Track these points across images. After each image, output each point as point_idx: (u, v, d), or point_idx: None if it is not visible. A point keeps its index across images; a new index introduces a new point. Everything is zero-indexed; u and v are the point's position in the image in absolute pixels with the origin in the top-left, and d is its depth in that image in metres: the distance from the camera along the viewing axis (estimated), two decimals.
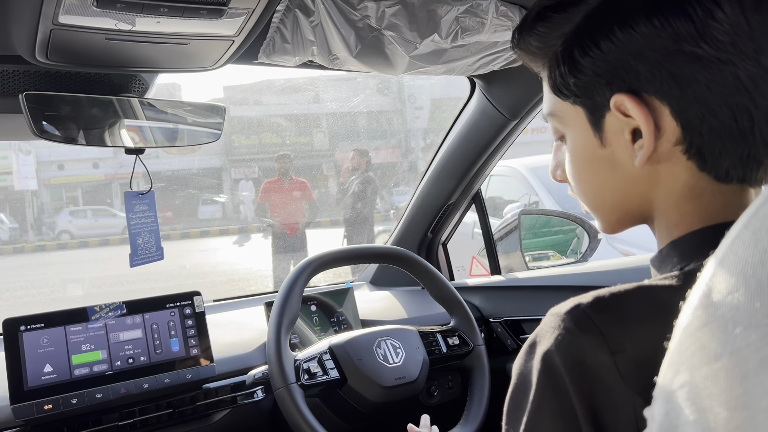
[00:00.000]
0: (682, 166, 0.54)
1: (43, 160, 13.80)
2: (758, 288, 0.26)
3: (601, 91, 0.55)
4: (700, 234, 0.54)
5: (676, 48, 0.50)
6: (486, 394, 1.38)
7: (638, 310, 0.49)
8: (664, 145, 0.53)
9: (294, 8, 1.04)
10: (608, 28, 0.53)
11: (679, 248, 0.55)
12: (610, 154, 0.57)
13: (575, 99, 0.58)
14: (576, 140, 0.60)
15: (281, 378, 1.21)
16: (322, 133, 14.33)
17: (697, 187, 0.54)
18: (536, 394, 0.51)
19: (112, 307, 1.24)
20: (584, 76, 0.55)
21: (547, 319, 0.52)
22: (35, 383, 1.13)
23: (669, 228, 0.57)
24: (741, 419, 0.25)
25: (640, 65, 0.52)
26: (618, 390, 0.47)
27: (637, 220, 0.61)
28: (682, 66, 0.50)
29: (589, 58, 0.54)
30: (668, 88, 0.51)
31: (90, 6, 0.78)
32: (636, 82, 0.52)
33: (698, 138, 0.52)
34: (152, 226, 1.27)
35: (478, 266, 2.25)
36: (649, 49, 0.51)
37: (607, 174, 0.58)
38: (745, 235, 0.28)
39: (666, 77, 0.51)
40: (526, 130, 1.63)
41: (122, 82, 1.13)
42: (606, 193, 0.60)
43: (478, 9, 1.13)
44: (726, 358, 0.26)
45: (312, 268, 1.37)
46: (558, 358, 0.49)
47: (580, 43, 0.55)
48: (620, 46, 0.52)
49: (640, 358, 0.48)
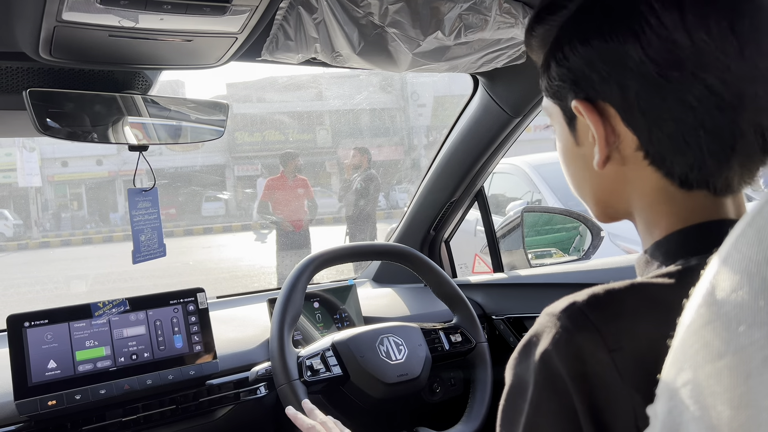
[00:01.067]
0: (646, 171, 0.57)
1: (47, 157, 13.84)
2: (762, 286, 0.26)
3: (567, 95, 0.60)
4: (683, 234, 0.56)
5: (621, 60, 0.54)
6: (488, 392, 1.39)
7: (633, 307, 0.50)
8: (626, 149, 0.57)
9: (297, 5, 1.04)
10: (572, 40, 0.57)
11: (663, 248, 0.57)
12: (583, 152, 0.61)
13: (554, 100, 0.63)
14: (559, 137, 0.65)
15: (284, 375, 1.21)
16: (325, 130, 14.33)
17: (666, 190, 0.57)
18: (534, 394, 0.51)
19: (116, 304, 1.24)
20: (555, 81, 0.60)
21: (542, 318, 0.53)
22: (39, 379, 1.14)
23: (649, 227, 0.59)
24: (744, 417, 0.25)
25: (594, 75, 0.56)
26: (617, 388, 0.48)
27: (622, 214, 0.63)
28: (629, 80, 0.54)
29: (557, 66, 0.59)
30: (617, 99, 0.55)
31: (93, 3, 0.78)
32: (591, 90, 0.57)
33: (650, 146, 0.55)
34: (155, 222, 1.27)
35: (481, 263, 2.25)
36: (601, 62, 0.55)
37: (583, 170, 0.62)
38: (750, 233, 0.28)
39: (615, 88, 0.55)
40: (529, 127, 1.63)
41: (126, 79, 1.13)
42: (586, 187, 0.64)
43: (481, 6, 1.13)
44: (730, 356, 0.26)
45: (315, 265, 1.37)
46: (556, 357, 0.49)
47: (553, 52, 0.60)
48: (579, 58, 0.57)
49: (637, 356, 0.48)
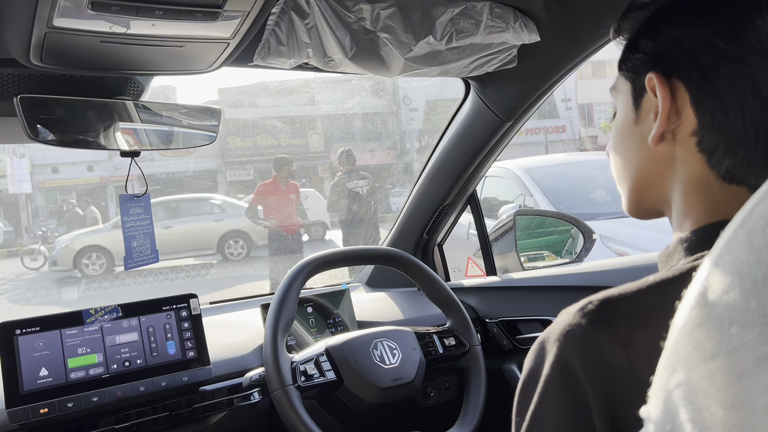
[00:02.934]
0: (694, 157, 0.58)
1: (37, 163, 13.76)
2: (753, 287, 0.26)
3: (644, 69, 0.61)
4: (706, 230, 0.57)
5: (710, 41, 0.55)
6: (483, 395, 1.39)
7: (647, 305, 0.52)
8: (682, 132, 0.58)
9: (289, 10, 1.04)
10: (666, 18, 0.59)
11: (684, 244, 0.58)
12: (640, 130, 0.63)
13: (626, 74, 0.64)
14: (621, 113, 0.66)
15: (278, 380, 1.21)
16: (318, 135, 14.33)
17: (705, 181, 0.57)
18: (543, 386, 0.52)
19: (108, 310, 1.24)
20: (637, 54, 0.62)
21: (559, 318, 0.55)
22: (31, 387, 1.13)
23: (679, 221, 0.61)
24: (737, 418, 0.25)
25: (677, 51, 0.58)
26: (630, 380, 0.49)
27: (656, 203, 0.64)
28: (711, 58, 0.55)
29: (644, 40, 0.61)
30: (693, 76, 0.56)
31: (85, 9, 0.78)
32: (671, 65, 0.58)
33: (708, 132, 0.56)
34: (147, 228, 1.26)
35: (474, 267, 2.25)
36: (690, 38, 0.56)
37: (636, 149, 0.64)
38: (741, 234, 0.28)
39: (694, 65, 0.56)
40: (521, 131, 1.64)
41: (117, 84, 1.13)
42: (632, 167, 0.65)
43: (472, 11, 1.13)
44: (722, 357, 0.26)
45: (308, 270, 1.36)
46: (570, 351, 0.51)
47: (644, 29, 0.62)
48: (668, 34, 0.59)
49: (650, 350, 0.49)
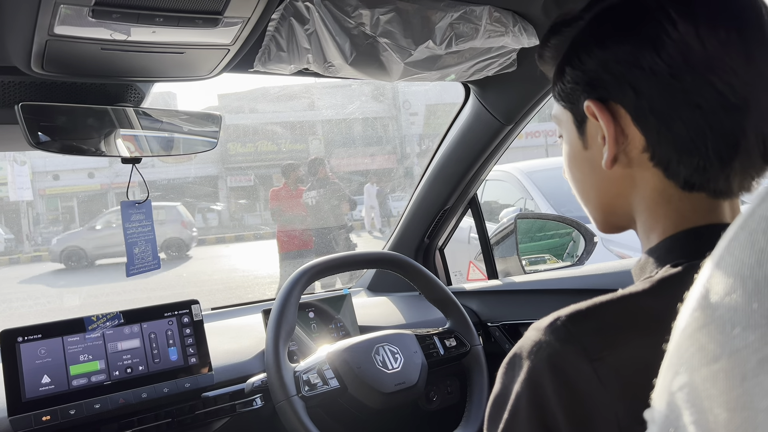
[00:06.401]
0: (650, 172, 0.59)
1: (38, 171, 13.78)
2: (755, 289, 0.26)
3: (580, 98, 0.61)
4: (674, 239, 0.58)
5: (635, 62, 0.56)
6: (486, 394, 1.38)
7: (615, 318, 0.52)
8: (632, 151, 0.59)
9: (289, 16, 1.04)
10: (588, 45, 0.60)
11: (654, 255, 0.59)
12: (591, 156, 0.63)
13: (565, 104, 0.64)
14: (567, 141, 0.66)
15: (282, 391, 1.20)
16: (318, 140, 14.35)
17: (666, 192, 0.58)
18: (514, 403, 0.53)
19: (110, 317, 1.24)
20: (569, 84, 0.62)
21: (528, 333, 0.55)
22: (33, 394, 1.13)
23: (647, 234, 0.61)
24: (741, 420, 0.25)
25: (607, 76, 0.58)
26: (599, 397, 0.49)
27: (623, 221, 0.65)
28: (640, 78, 0.56)
29: (572, 70, 0.61)
30: (628, 98, 0.57)
31: (85, 17, 0.78)
32: (604, 91, 0.59)
33: (657, 147, 0.57)
34: (149, 235, 1.26)
35: (476, 271, 2.25)
36: (615, 62, 0.57)
37: (589, 174, 0.64)
38: (742, 236, 0.28)
39: (626, 87, 0.57)
40: (521, 134, 1.64)
41: (118, 91, 1.13)
42: (590, 191, 0.66)
43: (472, 15, 1.14)
44: (725, 359, 0.26)
45: (308, 276, 1.36)
46: (541, 372, 0.51)
47: (568, 57, 0.62)
48: (595, 60, 0.59)
49: (619, 366, 0.50)
